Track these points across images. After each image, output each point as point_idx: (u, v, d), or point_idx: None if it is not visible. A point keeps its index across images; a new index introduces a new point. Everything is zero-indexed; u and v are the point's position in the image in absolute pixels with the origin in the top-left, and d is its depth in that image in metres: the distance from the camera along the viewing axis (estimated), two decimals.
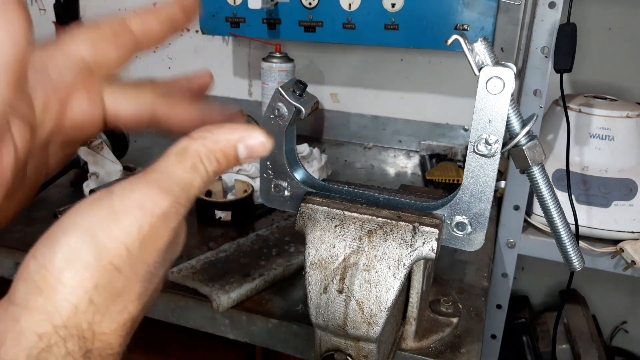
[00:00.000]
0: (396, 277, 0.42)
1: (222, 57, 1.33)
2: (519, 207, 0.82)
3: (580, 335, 1.05)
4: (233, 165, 0.29)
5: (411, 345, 0.55)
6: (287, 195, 0.49)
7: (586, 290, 1.21)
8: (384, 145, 1.24)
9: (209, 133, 0.28)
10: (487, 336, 0.93)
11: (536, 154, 0.43)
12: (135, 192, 0.25)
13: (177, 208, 0.26)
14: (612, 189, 0.79)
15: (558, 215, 0.45)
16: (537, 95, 0.75)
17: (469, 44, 0.39)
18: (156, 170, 0.26)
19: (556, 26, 0.71)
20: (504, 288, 0.88)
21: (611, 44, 1.03)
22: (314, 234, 0.45)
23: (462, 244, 0.44)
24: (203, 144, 0.27)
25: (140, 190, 0.25)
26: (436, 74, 1.16)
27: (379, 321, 0.42)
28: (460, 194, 0.42)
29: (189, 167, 0.27)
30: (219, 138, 0.28)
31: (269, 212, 0.84)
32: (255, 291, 0.62)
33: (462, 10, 0.97)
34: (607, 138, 0.80)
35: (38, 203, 0.83)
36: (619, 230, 0.79)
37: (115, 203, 0.25)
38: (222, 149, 0.28)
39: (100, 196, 0.25)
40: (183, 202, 0.26)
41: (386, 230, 0.43)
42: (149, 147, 1.17)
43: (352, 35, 1.05)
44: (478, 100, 0.38)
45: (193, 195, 0.27)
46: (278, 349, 0.61)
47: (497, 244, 0.85)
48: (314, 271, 0.44)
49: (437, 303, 0.61)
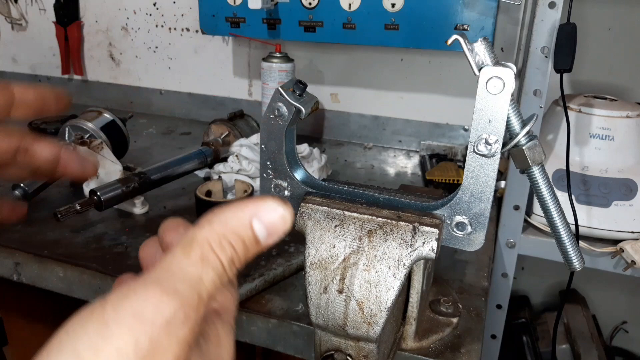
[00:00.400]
0: (396, 277, 0.42)
1: (222, 57, 1.33)
2: (519, 207, 0.82)
3: (580, 335, 1.05)
4: (255, 250, 0.24)
5: (411, 345, 0.55)
6: (287, 195, 0.49)
7: (586, 290, 1.21)
8: (384, 145, 1.24)
9: (216, 216, 0.24)
10: (487, 336, 0.93)
11: (536, 154, 0.43)
12: (131, 298, 0.20)
13: (186, 312, 0.21)
14: (612, 188, 0.79)
15: (558, 215, 0.45)
16: (537, 95, 0.75)
17: (469, 44, 0.39)
18: (158, 268, 0.22)
19: (556, 26, 0.71)
20: (504, 288, 0.88)
21: (611, 44, 1.03)
22: (314, 234, 0.45)
23: (462, 244, 0.44)
24: (211, 229, 0.23)
25: (137, 295, 0.20)
26: (436, 74, 1.16)
27: (379, 321, 0.42)
28: (460, 194, 0.42)
29: (198, 259, 0.23)
30: (227, 218, 0.24)
31: None
32: (255, 291, 0.62)
33: (462, 10, 0.97)
34: (607, 138, 0.80)
35: (38, 203, 0.83)
36: (619, 230, 0.79)
37: (108, 314, 0.20)
38: (234, 231, 0.24)
39: (92, 308, 0.20)
40: (193, 304, 0.21)
41: (386, 230, 0.43)
42: (149, 147, 1.17)
43: (352, 35, 1.05)
44: (478, 100, 0.38)
45: (207, 294, 0.22)
46: (278, 349, 0.61)
47: (497, 244, 0.85)
48: (314, 271, 0.44)
49: (437, 303, 0.61)
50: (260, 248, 0.24)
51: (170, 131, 1.30)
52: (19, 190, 0.82)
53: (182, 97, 1.41)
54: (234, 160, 0.90)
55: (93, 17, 1.43)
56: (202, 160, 0.93)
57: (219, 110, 1.34)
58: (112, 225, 0.78)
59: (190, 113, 1.41)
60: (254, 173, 0.87)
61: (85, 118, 1.00)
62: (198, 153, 0.93)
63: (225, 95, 1.36)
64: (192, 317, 0.21)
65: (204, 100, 1.39)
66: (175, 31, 1.35)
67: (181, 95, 1.41)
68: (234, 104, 1.34)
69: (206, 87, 1.38)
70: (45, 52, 1.53)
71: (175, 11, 1.33)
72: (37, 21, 1.50)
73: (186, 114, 1.42)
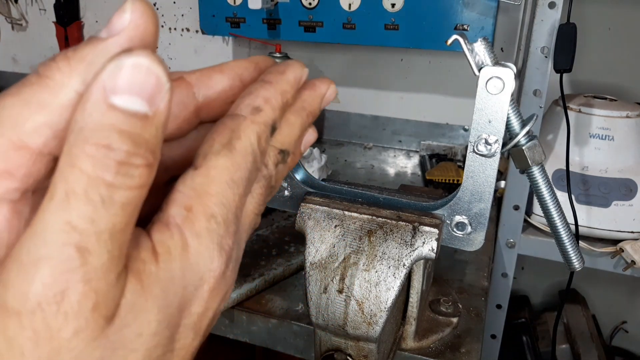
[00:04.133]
0: (396, 277, 0.42)
1: (222, 57, 1.33)
2: (519, 207, 0.82)
3: (580, 335, 1.05)
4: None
5: (411, 345, 0.55)
6: (287, 195, 0.49)
7: (586, 290, 1.21)
8: (384, 145, 1.24)
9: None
10: (487, 336, 0.93)
11: (536, 154, 0.43)
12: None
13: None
14: (612, 188, 0.79)
15: (558, 215, 0.45)
16: (537, 95, 0.75)
17: (469, 44, 0.39)
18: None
19: (556, 26, 0.71)
20: (504, 288, 0.88)
21: (611, 44, 1.03)
22: (314, 234, 0.45)
23: (462, 244, 0.44)
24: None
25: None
26: (436, 74, 1.16)
27: (379, 321, 0.42)
28: (460, 194, 0.42)
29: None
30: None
31: (269, 212, 0.84)
32: (255, 291, 0.63)
33: (462, 10, 0.97)
34: (607, 138, 0.80)
35: None
36: (618, 230, 0.79)
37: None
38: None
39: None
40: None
41: (386, 230, 0.43)
42: None
43: (352, 35, 1.05)
44: (478, 100, 0.38)
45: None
46: (278, 349, 0.61)
47: (497, 244, 0.85)
48: (314, 271, 0.44)
49: (437, 303, 0.61)
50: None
51: None
52: None
53: None
54: None
55: (93, 17, 1.43)
56: None
57: None
58: None
59: None
60: None
61: None
62: None
63: None
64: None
65: None
66: (175, 31, 1.35)
67: None
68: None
69: None
70: (45, 52, 1.53)
71: (175, 11, 1.33)
72: (37, 21, 1.50)
73: None
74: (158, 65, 0.16)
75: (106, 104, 0.16)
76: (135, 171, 0.16)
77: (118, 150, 0.16)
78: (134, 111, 0.16)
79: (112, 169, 0.16)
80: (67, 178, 0.16)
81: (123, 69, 0.16)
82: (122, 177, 0.16)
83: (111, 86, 0.16)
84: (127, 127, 0.16)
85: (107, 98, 0.16)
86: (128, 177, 0.16)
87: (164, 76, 0.17)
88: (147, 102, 0.16)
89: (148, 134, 0.16)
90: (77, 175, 0.15)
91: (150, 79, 0.16)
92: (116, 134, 0.16)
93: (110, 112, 0.16)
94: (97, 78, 0.16)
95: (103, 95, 0.16)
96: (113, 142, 0.16)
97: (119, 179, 0.16)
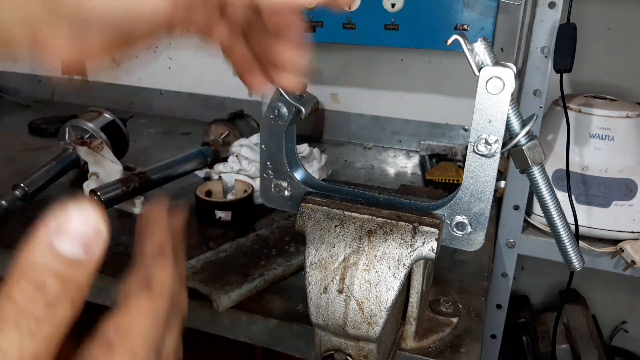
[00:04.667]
0: (396, 277, 0.42)
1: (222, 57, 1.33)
2: (519, 207, 0.82)
3: (580, 335, 1.05)
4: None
5: (411, 345, 0.55)
6: (287, 195, 0.49)
7: (586, 290, 1.21)
8: (384, 145, 1.24)
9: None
10: (487, 336, 0.93)
11: (536, 154, 0.43)
12: None
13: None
14: (612, 188, 0.79)
15: (558, 215, 0.45)
16: (537, 95, 0.75)
17: (469, 44, 0.39)
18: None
19: (556, 26, 0.71)
20: (504, 288, 0.88)
21: (611, 44, 1.03)
22: (314, 234, 0.45)
23: (462, 244, 0.44)
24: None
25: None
26: (436, 74, 1.16)
27: (379, 321, 0.42)
28: (460, 194, 0.42)
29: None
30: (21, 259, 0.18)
31: (269, 212, 0.84)
32: (255, 291, 0.62)
33: (462, 10, 0.97)
34: (607, 138, 0.80)
35: (38, 203, 0.83)
36: (618, 230, 0.79)
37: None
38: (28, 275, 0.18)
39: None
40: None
41: (386, 230, 0.43)
42: (149, 147, 1.17)
43: (352, 35, 1.05)
44: (478, 100, 0.38)
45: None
46: (278, 349, 0.61)
47: (497, 244, 0.85)
48: (314, 271, 0.44)
49: (437, 303, 0.61)
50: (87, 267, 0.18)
51: (171, 131, 1.30)
52: (19, 190, 0.82)
53: (182, 97, 1.41)
54: (234, 160, 0.90)
55: None
56: (202, 160, 0.93)
57: (219, 111, 1.34)
58: (112, 225, 0.78)
59: (190, 113, 1.41)
60: (254, 173, 0.87)
61: (86, 118, 1.00)
62: (198, 153, 0.93)
63: (225, 95, 1.36)
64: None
65: (204, 101, 1.39)
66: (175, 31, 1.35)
67: (181, 95, 1.41)
68: (234, 104, 1.33)
69: (206, 87, 1.38)
70: None
71: None
72: None
73: (186, 114, 1.42)
74: (100, 217, 0.19)
75: (48, 247, 0.18)
76: (61, 311, 0.18)
77: (50, 290, 0.18)
78: (72, 257, 0.18)
79: (41, 305, 0.17)
80: (1, 306, 0.17)
81: (70, 218, 0.18)
82: (49, 313, 0.18)
83: (56, 231, 0.18)
84: (63, 271, 0.18)
85: (51, 242, 0.18)
86: (54, 315, 0.18)
87: (104, 227, 0.19)
88: (85, 250, 0.18)
89: (80, 277, 0.18)
90: (9, 306, 0.17)
91: (91, 229, 0.18)
92: (52, 275, 0.18)
93: (50, 255, 0.18)
94: (46, 222, 0.18)
95: (47, 238, 0.18)
96: (47, 281, 0.17)
97: (47, 315, 0.18)
